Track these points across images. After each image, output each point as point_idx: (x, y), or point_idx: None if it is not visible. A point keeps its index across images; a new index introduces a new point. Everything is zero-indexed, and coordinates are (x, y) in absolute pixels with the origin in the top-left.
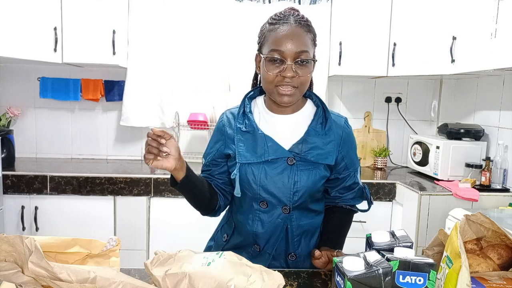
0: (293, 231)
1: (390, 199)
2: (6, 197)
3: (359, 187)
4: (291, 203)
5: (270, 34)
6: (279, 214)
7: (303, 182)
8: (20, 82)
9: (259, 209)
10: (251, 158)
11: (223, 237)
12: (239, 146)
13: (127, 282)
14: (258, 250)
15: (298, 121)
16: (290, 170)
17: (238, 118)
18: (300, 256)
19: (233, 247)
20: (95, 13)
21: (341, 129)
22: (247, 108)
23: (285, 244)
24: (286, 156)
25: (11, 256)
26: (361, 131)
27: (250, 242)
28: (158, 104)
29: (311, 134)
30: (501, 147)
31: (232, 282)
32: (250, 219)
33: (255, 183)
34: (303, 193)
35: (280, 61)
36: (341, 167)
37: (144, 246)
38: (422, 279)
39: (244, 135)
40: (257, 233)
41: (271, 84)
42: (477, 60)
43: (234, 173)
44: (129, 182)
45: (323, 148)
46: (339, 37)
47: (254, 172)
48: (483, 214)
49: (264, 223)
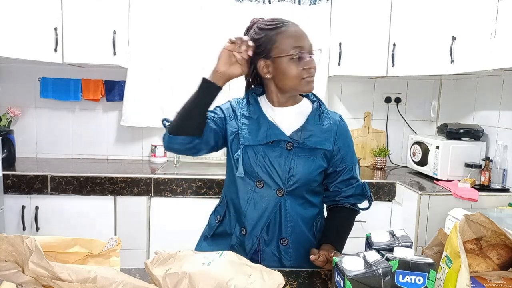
0: (287, 217)
1: (389, 199)
2: (7, 197)
3: (358, 184)
4: (285, 186)
5: (281, 36)
6: (272, 195)
7: (300, 168)
8: (21, 82)
9: (255, 189)
10: (253, 141)
11: (216, 219)
12: (242, 129)
13: (127, 282)
14: (244, 233)
15: (298, 112)
16: (287, 154)
17: (242, 106)
18: (292, 243)
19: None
20: (95, 13)
21: (336, 122)
22: (251, 99)
23: (278, 229)
24: (286, 139)
25: (12, 256)
26: (361, 131)
27: (240, 224)
28: (158, 104)
29: (309, 123)
30: (500, 147)
31: (232, 282)
32: (243, 199)
33: (254, 162)
34: (298, 179)
35: (305, 55)
36: (338, 159)
37: (144, 246)
38: (421, 279)
39: (249, 119)
40: (247, 214)
41: (297, 79)
42: (476, 60)
43: (237, 154)
44: (129, 182)
45: (320, 136)
46: (339, 38)
47: (255, 152)
48: (483, 214)
49: (257, 203)
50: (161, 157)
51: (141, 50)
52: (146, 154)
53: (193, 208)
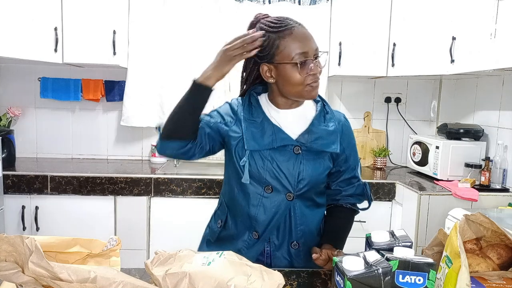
0: (297, 220)
1: (389, 199)
2: (7, 197)
3: (359, 183)
4: (295, 190)
5: (284, 40)
6: (282, 200)
7: (309, 171)
8: (21, 82)
9: (263, 194)
10: (259, 146)
11: (217, 224)
12: (247, 134)
13: (127, 282)
14: (256, 237)
15: (303, 114)
16: (296, 159)
17: (245, 108)
18: (303, 245)
19: (228, 236)
20: (95, 14)
21: (340, 122)
22: (253, 99)
23: (288, 232)
24: (293, 144)
25: (12, 256)
26: (361, 131)
27: (248, 228)
28: (158, 104)
29: (315, 125)
30: (500, 147)
31: (232, 282)
32: (253, 204)
33: (262, 168)
34: (308, 182)
35: (307, 62)
36: (342, 159)
37: (144, 246)
38: (421, 279)
39: (252, 123)
40: (258, 219)
41: (302, 85)
42: (476, 60)
43: (244, 160)
44: (129, 182)
45: (327, 138)
46: (339, 38)
47: (262, 157)
48: (483, 214)
49: (267, 208)
50: (161, 157)
51: (141, 50)
52: (146, 154)
53: (193, 208)
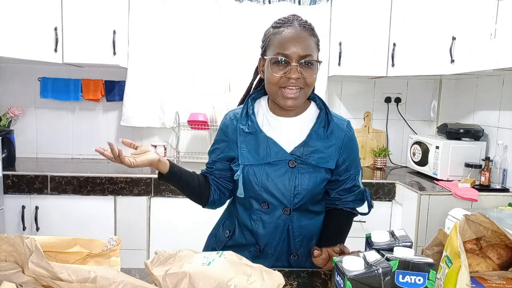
0: (294, 232)
1: (389, 199)
2: (7, 197)
3: (359, 190)
4: (291, 204)
5: (274, 37)
6: (279, 215)
7: (304, 185)
8: (21, 82)
9: (261, 210)
10: (253, 159)
11: (225, 233)
12: (241, 148)
13: (127, 282)
14: (258, 250)
15: (301, 124)
16: (291, 173)
17: (241, 119)
18: (302, 256)
19: (235, 245)
20: (95, 14)
21: (343, 132)
22: (250, 109)
23: (287, 245)
24: (287, 158)
25: (12, 256)
26: (361, 131)
27: (252, 241)
28: (158, 104)
29: (312, 137)
30: (500, 147)
31: (232, 282)
32: (252, 219)
33: (256, 184)
34: (304, 196)
35: (286, 62)
36: (342, 169)
37: (144, 246)
38: (421, 279)
39: (246, 136)
40: (258, 233)
41: (276, 86)
42: (476, 60)
43: (237, 174)
44: (129, 182)
45: (324, 152)
46: (339, 38)
47: (256, 173)
48: (483, 214)
49: (265, 223)
50: None
51: (141, 50)
52: None
53: (193, 208)
